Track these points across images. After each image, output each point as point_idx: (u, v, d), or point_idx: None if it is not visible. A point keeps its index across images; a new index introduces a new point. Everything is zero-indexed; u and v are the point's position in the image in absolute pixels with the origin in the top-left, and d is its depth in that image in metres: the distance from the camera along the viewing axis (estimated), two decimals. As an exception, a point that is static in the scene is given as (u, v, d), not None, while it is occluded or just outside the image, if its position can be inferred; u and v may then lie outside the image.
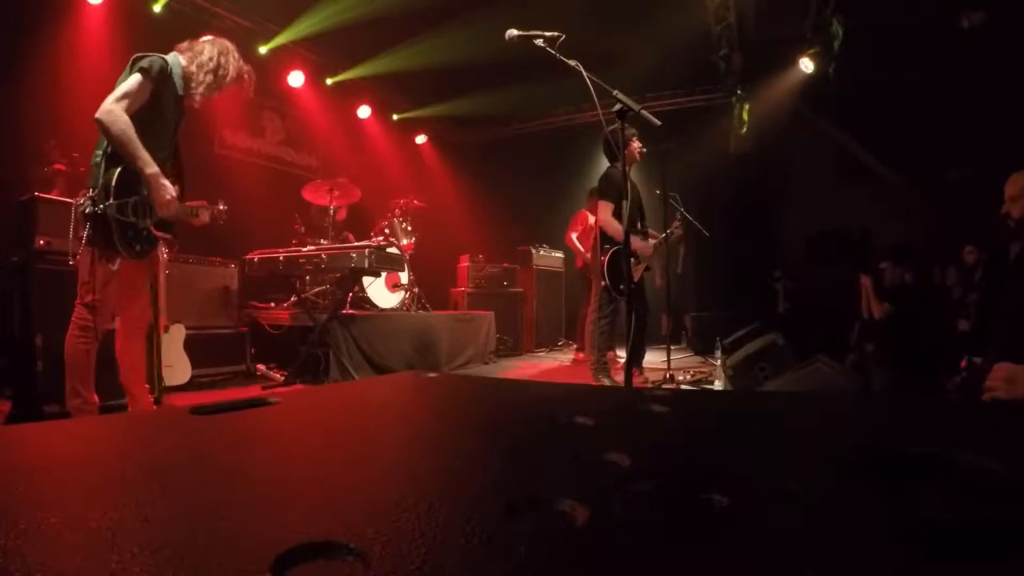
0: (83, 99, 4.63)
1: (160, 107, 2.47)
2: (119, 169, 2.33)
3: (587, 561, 0.42)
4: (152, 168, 2.39)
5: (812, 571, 0.40)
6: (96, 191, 2.32)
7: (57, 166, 3.91)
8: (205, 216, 2.72)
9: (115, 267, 2.40)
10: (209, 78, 2.55)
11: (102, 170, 2.34)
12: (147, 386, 2.64)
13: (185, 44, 2.59)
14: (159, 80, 2.42)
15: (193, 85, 2.55)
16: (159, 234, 2.55)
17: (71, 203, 3.12)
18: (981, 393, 1.54)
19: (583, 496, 0.51)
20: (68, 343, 2.37)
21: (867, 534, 0.44)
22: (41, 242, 2.91)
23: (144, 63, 2.39)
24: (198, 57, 2.54)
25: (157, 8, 5.45)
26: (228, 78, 2.60)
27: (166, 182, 2.45)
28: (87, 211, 2.31)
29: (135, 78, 2.36)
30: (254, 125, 6.78)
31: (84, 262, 2.36)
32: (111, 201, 2.30)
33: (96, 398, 2.45)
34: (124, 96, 2.33)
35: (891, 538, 0.43)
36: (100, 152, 2.37)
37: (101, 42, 4.90)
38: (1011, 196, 2.39)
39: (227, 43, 2.65)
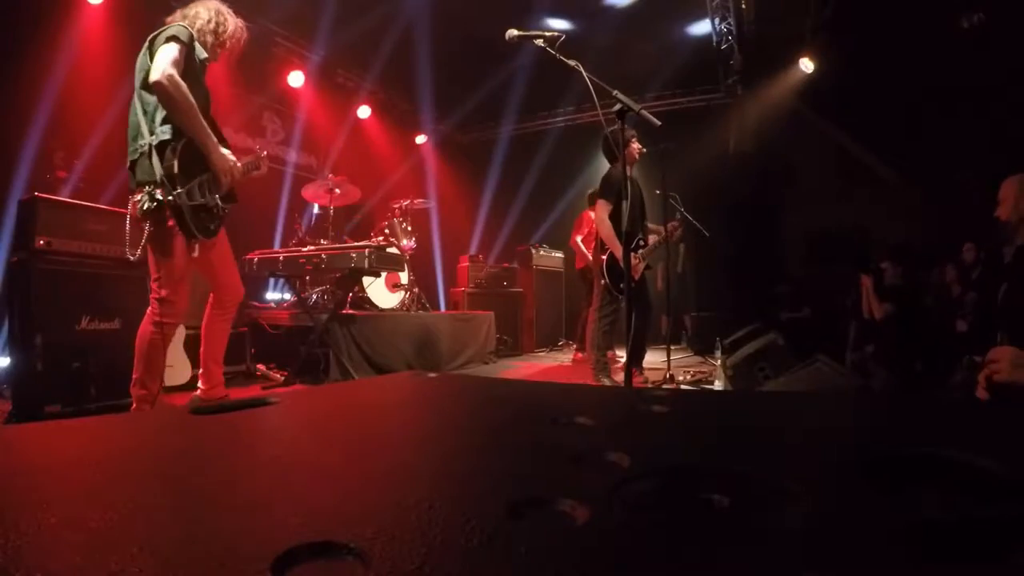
0: (83, 99, 4.66)
1: (195, 74, 2.43)
2: (176, 152, 2.25)
3: (587, 561, 0.42)
4: (211, 138, 2.38)
5: (812, 571, 0.40)
6: (154, 185, 2.24)
7: (60, 173, 3.92)
8: (264, 167, 2.76)
9: (195, 254, 2.39)
10: (211, 38, 2.55)
11: (153, 161, 2.24)
12: (222, 365, 2.70)
13: (177, 15, 2.54)
14: (191, 46, 2.37)
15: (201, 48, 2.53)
16: (225, 207, 2.57)
17: (72, 203, 3.15)
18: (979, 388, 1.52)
19: (583, 496, 0.51)
20: (141, 335, 2.42)
21: (867, 534, 0.44)
22: (41, 242, 2.91)
23: (171, 31, 2.31)
24: (196, 22, 2.51)
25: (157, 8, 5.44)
26: (227, 34, 2.60)
27: (226, 152, 2.47)
28: (146, 207, 2.24)
29: (173, 46, 2.27)
30: (254, 125, 6.78)
31: (153, 259, 2.37)
32: (179, 190, 2.24)
33: (158, 387, 2.48)
34: (175, 62, 2.24)
35: (891, 538, 0.43)
36: (144, 143, 2.28)
37: (101, 42, 4.90)
38: (1001, 199, 2.40)
39: (215, 2, 2.62)
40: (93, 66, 4.76)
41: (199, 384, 2.74)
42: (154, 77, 2.21)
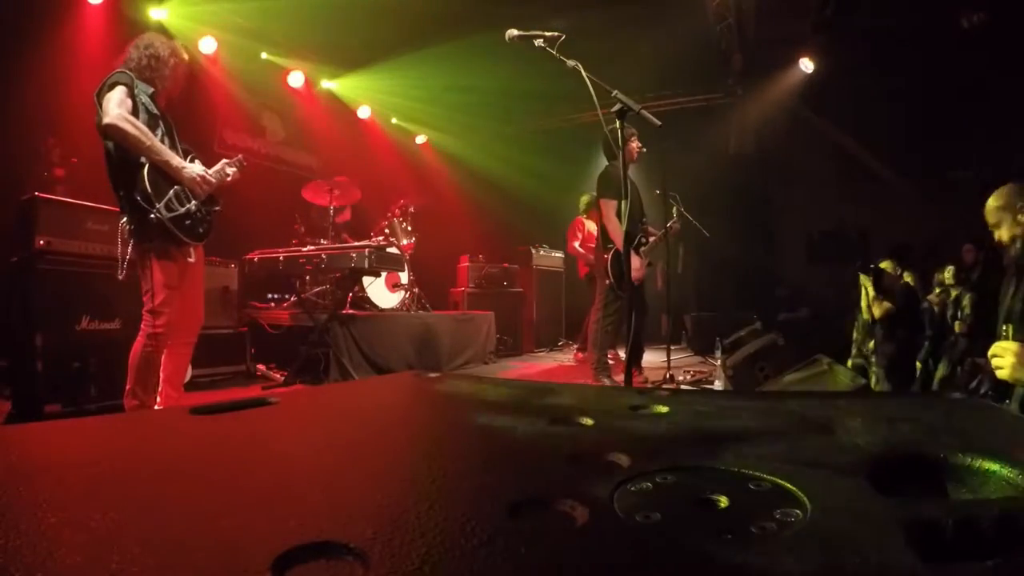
0: (82, 99, 4.63)
1: (147, 112, 2.52)
2: (144, 173, 2.38)
3: (587, 561, 0.42)
4: (174, 159, 2.49)
5: (812, 571, 0.40)
6: (136, 211, 2.39)
7: (57, 171, 3.91)
8: (233, 172, 2.82)
9: (192, 259, 2.52)
10: (151, 73, 2.61)
11: (132, 196, 2.39)
12: (181, 392, 2.69)
13: (119, 61, 2.63)
14: (132, 88, 2.48)
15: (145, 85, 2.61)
16: (209, 210, 2.65)
17: (72, 203, 3.15)
18: (984, 392, 1.52)
19: (583, 496, 0.51)
20: (134, 348, 2.46)
21: (867, 534, 0.44)
22: (41, 242, 2.91)
23: (113, 79, 2.44)
24: (130, 64, 2.58)
25: (157, 9, 5.44)
26: (165, 61, 2.63)
27: (189, 166, 2.56)
28: (132, 228, 2.40)
29: (117, 89, 2.41)
30: (254, 125, 6.78)
31: (143, 272, 2.45)
32: (158, 205, 2.37)
33: (153, 400, 2.51)
34: (120, 102, 2.38)
35: (891, 538, 0.43)
36: (121, 191, 2.43)
37: (101, 42, 4.90)
38: (993, 224, 2.32)
39: (147, 35, 2.71)
40: (92, 66, 4.75)
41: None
42: (106, 121, 2.33)
